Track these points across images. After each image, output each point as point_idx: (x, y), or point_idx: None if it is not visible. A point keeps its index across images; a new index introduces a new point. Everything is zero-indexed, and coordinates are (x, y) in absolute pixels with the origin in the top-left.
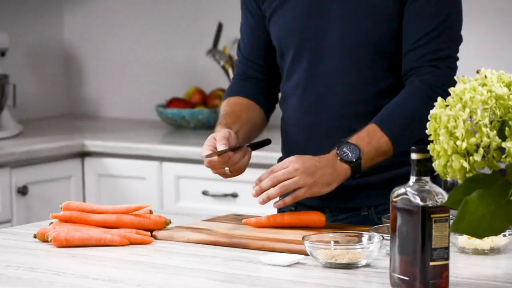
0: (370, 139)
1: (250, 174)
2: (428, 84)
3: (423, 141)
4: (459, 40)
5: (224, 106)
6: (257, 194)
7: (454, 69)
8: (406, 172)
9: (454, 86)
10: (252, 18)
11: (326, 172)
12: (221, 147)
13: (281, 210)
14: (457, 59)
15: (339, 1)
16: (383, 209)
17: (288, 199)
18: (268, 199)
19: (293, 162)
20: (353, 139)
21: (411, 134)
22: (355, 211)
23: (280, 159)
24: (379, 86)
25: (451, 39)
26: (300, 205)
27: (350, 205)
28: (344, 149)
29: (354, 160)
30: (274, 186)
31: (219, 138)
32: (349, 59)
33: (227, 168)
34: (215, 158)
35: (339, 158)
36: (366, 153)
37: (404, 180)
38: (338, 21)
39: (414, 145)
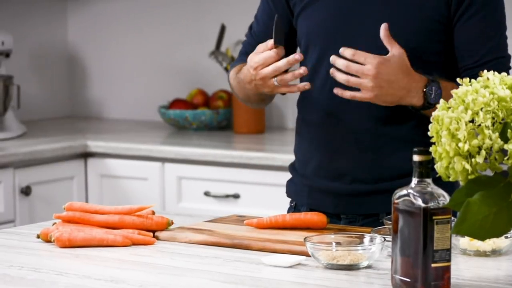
0: (448, 96)
1: (251, 175)
2: None
3: None
4: (510, 55)
5: (236, 68)
6: (334, 61)
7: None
8: None
9: None
10: (274, 7)
11: (397, 93)
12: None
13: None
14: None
15: (378, 4)
16: None
17: (348, 94)
18: (337, 78)
19: (373, 65)
20: (444, 85)
21: None
22: (373, 217)
23: (291, 166)
24: None
25: (506, 54)
26: (315, 210)
27: (367, 211)
28: (433, 88)
29: (431, 103)
30: (345, 71)
31: (262, 44)
32: None
33: (275, 79)
34: (272, 53)
35: (424, 89)
36: (445, 98)
37: None
38: (374, 23)
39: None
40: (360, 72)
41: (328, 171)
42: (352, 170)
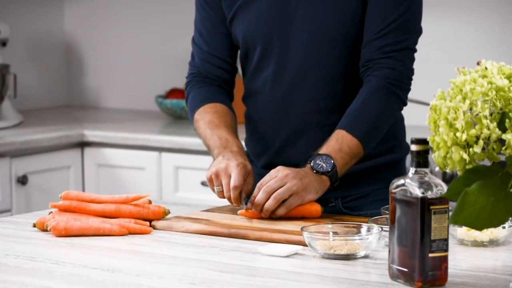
0: (340, 145)
1: None
2: (386, 79)
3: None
4: (419, 32)
5: (213, 114)
6: (257, 210)
7: (411, 60)
8: (372, 165)
9: (411, 77)
10: (213, 13)
11: (312, 179)
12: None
13: None
14: (415, 51)
15: None
16: (351, 199)
17: (282, 210)
18: (268, 212)
19: (280, 170)
20: (324, 150)
21: (378, 131)
22: (323, 202)
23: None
24: (348, 81)
25: (410, 31)
26: None
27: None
28: (318, 162)
29: (329, 169)
30: (268, 197)
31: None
32: (316, 55)
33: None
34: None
35: (314, 171)
36: (339, 159)
37: (370, 172)
38: (304, 19)
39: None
40: (277, 182)
41: (277, 165)
42: (301, 162)
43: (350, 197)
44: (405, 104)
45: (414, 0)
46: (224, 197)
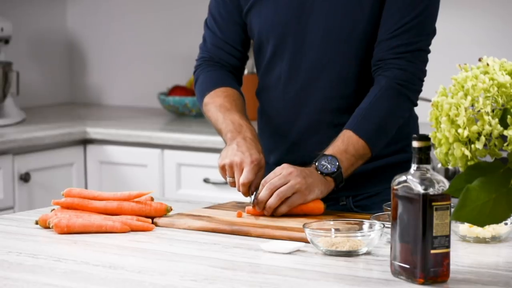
0: (346, 146)
1: None
2: (395, 80)
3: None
4: (433, 33)
5: (224, 98)
6: (260, 207)
7: (424, 62)
8: (384, 164)
9: (422, 78)
10: (230, 1)
11: (316, 178)
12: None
13: None
14: (428, 52)
15: None
16: (362, 198)
17: (284, 208)
18: (271, 209)
19: (285, 168)
20: (329, 150)
21: (386, 133)
22: (333, 201)
23: None
24: (363, 81)
25: (424, 32)
26: None
27: (328, 195)
28: (322, 162)
29: (334, 170)
30: (271, 194)
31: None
32: (333, 54)
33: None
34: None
35: (319, 172)
36: (344, 161)
37: (382, 171)
38: (321, 16)
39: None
40: (281, 179)
41: (288, 162)
42: (311, 160)
43: (361, 195)
44: (415, 105)
45: (432, 1)
46: (235, 186)
